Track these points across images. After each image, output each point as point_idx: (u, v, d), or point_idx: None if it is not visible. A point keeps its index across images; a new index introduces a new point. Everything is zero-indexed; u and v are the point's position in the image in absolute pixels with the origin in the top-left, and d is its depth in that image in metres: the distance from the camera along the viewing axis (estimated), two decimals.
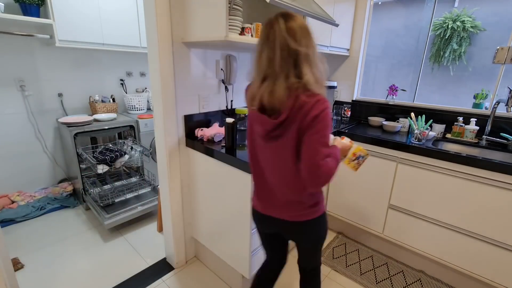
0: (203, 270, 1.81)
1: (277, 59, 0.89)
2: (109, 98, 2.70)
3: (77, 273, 1.75)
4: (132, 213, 2.20)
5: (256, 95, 0.95)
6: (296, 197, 1.02)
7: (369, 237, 2.09)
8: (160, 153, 1.65)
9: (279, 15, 0.92)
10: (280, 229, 1.13)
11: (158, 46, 1.40)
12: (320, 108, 0.89)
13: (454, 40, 2.19)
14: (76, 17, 2.21)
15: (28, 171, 2.51)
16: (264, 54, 0.92)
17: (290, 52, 0.89)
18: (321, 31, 1.98)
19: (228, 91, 1.87)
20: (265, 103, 0.93)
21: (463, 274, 1.69)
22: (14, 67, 2.27)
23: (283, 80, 0.90)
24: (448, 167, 1.58)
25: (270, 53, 0.90)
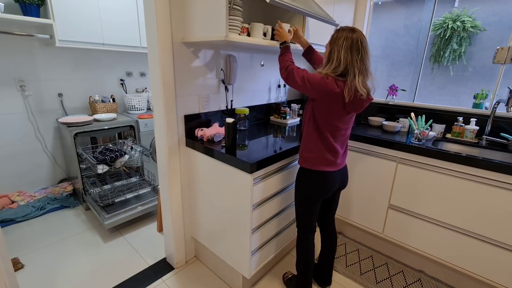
0: (203, 270, 1.81)
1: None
2: (109, 98, 2.69)
3: (77, 273, 1.75)
4: (132, 213, 2.20)
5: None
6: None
7: (369, 237, 2.09)
8: (160, 153, 1.65)
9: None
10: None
11: (158, 46, 1.40)
12: None
13: (454, 40, 2.19)
14: (76, 17, 2.21)
15: (28, 171, 2.51)
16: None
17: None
18: (321, 31, 1.98)
19: (228, 91, 1.87)
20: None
21: (463, 274, 1.69)
22: (14, 67, 2.27)
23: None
24: (448, 167, 1.58)
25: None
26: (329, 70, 1.22)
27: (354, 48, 1.19)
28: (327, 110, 1.27)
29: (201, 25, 1.37)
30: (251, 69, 2.03)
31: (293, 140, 1.71)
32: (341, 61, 1.19)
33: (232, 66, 1.79)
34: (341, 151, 1.37)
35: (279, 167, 1.53)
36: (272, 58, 2.19)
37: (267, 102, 2.27)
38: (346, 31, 1.22)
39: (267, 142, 1.65)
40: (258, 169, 1.34)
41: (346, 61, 1.19)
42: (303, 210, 1.45)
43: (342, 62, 1.19)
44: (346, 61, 1.19)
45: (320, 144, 1.32)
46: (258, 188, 1.39)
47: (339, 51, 1.20)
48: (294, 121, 2.23)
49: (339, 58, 1.20)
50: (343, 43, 1.20)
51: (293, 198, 1.75)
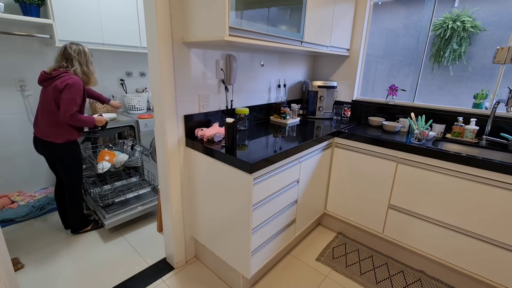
0: (203, 270, 1.81)
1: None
2: (109, 98, 2.69)
3: (77, 273, 1.75)
4: (132, 213, 2.20)
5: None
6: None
7: (369, 237, 2.09)
8: (160, 153, 1.65)
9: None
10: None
11: (158, 46, 1.40)
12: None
13: (454, 40, 2.19)
14: (76, 17, 2.21)
15: (28, 171, 2.51)
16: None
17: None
18: (321, 31, 1.98)
19: (228, 91, 1.88)
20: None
21: (463, 274, 1.69)
22: (14, 67, 2.27)
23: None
24: (448, 167, 1.58)
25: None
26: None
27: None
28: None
29: (201, 25, 1.37)
30: (251, 69, 2.03)
31: (293, 140, 1.71)
32: None
33: (232, 66, 1.79)
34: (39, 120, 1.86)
35: (279, 167, 1.53)
36: (272, 58, 2.19)
37: (267, 102, 2.27)
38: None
39: (267, 142, 1.65)
40: (258, 169, 1.34)
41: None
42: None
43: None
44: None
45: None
46: (258, 188, 1.39)
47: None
48: (294, 121, 2.23)
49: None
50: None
51: (293, 198, 1.75)
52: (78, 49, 1.88)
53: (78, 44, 1.90)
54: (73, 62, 1.85)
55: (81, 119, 1.83)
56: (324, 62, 2.65)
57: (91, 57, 1.95)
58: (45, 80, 1.82)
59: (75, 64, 1.85)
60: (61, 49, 1.87)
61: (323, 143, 1.93)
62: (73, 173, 1.98)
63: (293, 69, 2.47)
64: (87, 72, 1.91)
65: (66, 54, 1.85)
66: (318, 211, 2.15)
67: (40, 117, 1.86)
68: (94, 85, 2.00)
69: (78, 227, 2.12)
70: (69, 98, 1.76)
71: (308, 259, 1.94)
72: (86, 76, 1.91)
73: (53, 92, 1.78)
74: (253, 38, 1.44)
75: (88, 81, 1.93)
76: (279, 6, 1.58)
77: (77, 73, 1.86)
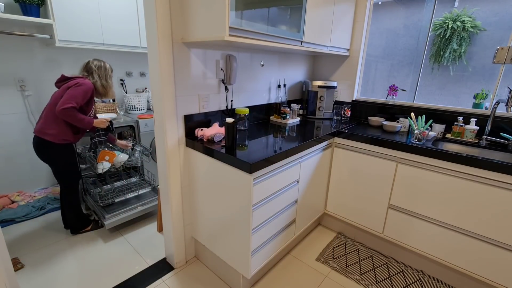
0: (203, 270, 1.81)
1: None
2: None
3: (77, 273, 1.75)
4: (132, 213, 2.20)
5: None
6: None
7: (369, 237, 2.09)
8: (160, 153, 1.65)
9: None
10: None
11: (158, 46, 1.40)
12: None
13: (454, 40, 2.19)
14: (76, 17, 2.21)
15: (28, 171, 2.51)
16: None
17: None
18: (321, 31, 1.98)
19: (228, 91, 1.88)
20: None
21: (463, 274, 1.69)
22: (14, 67, 2.27)
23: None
24: (448, 167, 1.58)
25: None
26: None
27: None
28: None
29: (201, 25, 1.37)
30: (251, 69, 2.03)
31: (293, 140, 1.71)
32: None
33: (232, 66, 1.79)
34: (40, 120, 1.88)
35: (279, 167, 1.53)
36: (272, 58, 2.19)
37: (267, 102, 2.27)
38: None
39: (267, 142, 1.65)
40: (258, 169, 1.34)
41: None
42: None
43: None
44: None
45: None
46: (258, 188, 1.39)
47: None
48: (294, 121, 2.23)
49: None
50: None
51: (293, 198, 1.75)
52: (99, 65, 2.01)
53: (100, 60, 2.03)
54: (93, 75, 1.98)
55: (75, 116, 1.78)
56: (324, 62, 2.65)
57: (111, 72, 2.08)
58: (61, 81, 1.90)
59: (94, 77, 1.98)
60: (84, 63, 2.01)
61: (323, 143, 1.93)
62: (66, 177, 1.98)
63: (293, 69, 2.47)
64: (105, 85, 2.03)
65: (87, 67, 1.99)
66: (318, 211, 2.15)
67: (43, 115, 1.87)
68: (111, 97, 2.13)
69: (77, 228, 2.13)
70: (71, 93, 1.78)
71: (308, 259, 1.94)
72: (104, 89, 2.03)
73: (62, 90, 1.83)
74: (253, 38, 1.44)
75: (106, 93, 2.06)
76: (279, 6, 1.58)
77: (96, 85, 1.98)
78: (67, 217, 2.08)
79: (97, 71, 1.98)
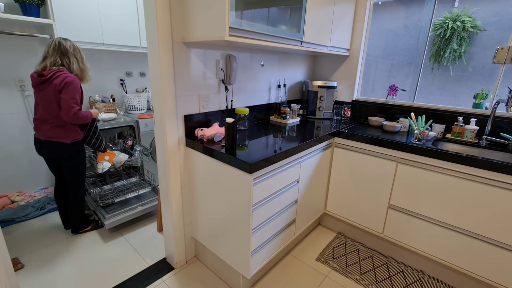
0: (203, 270, 1.81)
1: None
2: (109, 98, 2.70)
3: (77, 273, 1.75)
4: (132, 213, 2.20)
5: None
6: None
7: (369, 237, 2.09)
8: (160, 153, 1.65)
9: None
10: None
11: (158, 46, 1.40)
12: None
13: (454, 40, 2.19)
14: (76, 17, 2.21)
15: (28, 171, 2.51)
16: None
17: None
18: (321, 31, 1.98)
19: (228, 91, 1.88)
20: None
21: (463, 274, 1.69)
22: (14, 67, 2.27)
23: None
24: (448, 167, 1.58)
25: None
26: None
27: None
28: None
29: (201, 25, 1.37)
30: (251, 69, 2.03)
31: (293, 140, 1.71)
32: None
33: (232, 66, 1.79)
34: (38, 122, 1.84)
35: (279, 167, 1.53)
36: (272, 58, 2.19)
37: (267, 102, 2.27)
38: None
39: (267, 142, 1.65)
40: (258, 169, 1.34)
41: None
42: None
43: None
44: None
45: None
46: (258, 188, 1.39)
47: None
48: (294, 121, 2.23)
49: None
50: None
51: (293, 198, 1.75)
52: (73, 46, 1.85)
53: (69, 40, 1.86)
54: (70, 58, 1.81)
55: (83, 116, 1.80)
56: (324, 62, 2.65)
57: (83, 54, 1.94)
58: (40, 83, 1.78)
59: (72, 60, 1.81)
60: (54, 43, 1.79)
61: (323, 143, 1.93)
62: (78, 173, 1.99)
63: (293, 69, 2.47)
64: (83, 68, 1.90)
65: (62, 49, 1.80)
66: (318, 211, 2.15)
67: (43, 120, 1.82)
68: (87, 81, 1.98)
69: (78, 227, 2.12)
70: (69, 97, 1.74)
71: (308, 259, 1.94)
72: (82, 73, 1.90)
73: (54, 93, 1.76)
74: (253, 38, 1.44)
75: (83, 77, 1.91)
76: (279, 6, 1.58)
77: (73, 69, 1.82)
78: (71, 216, 2.07)
79: (73, 52, 1.82)
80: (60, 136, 1.84)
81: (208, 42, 1.45)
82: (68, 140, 1.86)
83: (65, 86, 1.74)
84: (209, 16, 1.32)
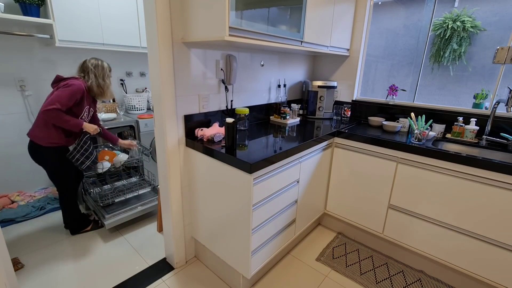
0: (203, 270, 1.81)
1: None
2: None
3: (77, 273, 1.75)
4: (132, 213, 2.20)
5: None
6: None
7: (369, 237, 2.09)
8: (160, 153, 1.65)
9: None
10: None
11: (158, 46, 1.40)
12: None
13: (454, 40, 2.19)
14: (76, 17, 2.21)
15: (28, 171, 2.51)
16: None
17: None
18: (321, 31, 1.98)
19: (228, 91, 1.88)
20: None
21: (463, 274, 1.69)
22: (14, 67, 2.27)
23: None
24: (448, 167, 1.58)
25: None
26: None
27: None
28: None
29: (201, 25, 1.37)
30: (251, 69, 2.03)
31: (293, 140, 1.71)
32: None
33: (232, 66, 1.79)
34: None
35: (279, 167, 1.53)
36: (272, 58, 2.19)
37: (267, 102, 2.27)
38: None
39: (267, 142, 1.65)
40: (258, 169, 1.34)
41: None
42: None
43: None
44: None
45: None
46: (258, 188, 1.39)
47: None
48: (294, 121, 2.23)
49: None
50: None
51: (293, 198, 1.75)
52: (96, 63, 1.93)
53: (97, 59, 1.96)
54: (89, 74, 1.90)
55: (59, 118, 1.71)
56: (324, 62, 2.65)
57: (109, 72, 2.00)
58: (56, 81, 1.84)
59: (90, 76, 1.90)
60: (81, 62, 1.94)
61: (323, 143, 1.93)
62: (58, 179, 1.95)
63: (293, 69, 2.47)
64: (102, 85, 1.94)
65: (84, 67, 1.92)
66: (318, 211, 2.15)
67: (36, 117, 1.86)
68: (109, 98, 2.05)
69: (76, 228, 2.13)
70: (56, 94, 1.72)
71: (308, 259, 1.94)
72: (101, 89, 1.94)
73: (53, 92, 1.80)
74: (253, 38, 1.44)
75: (102, 93, 1.96)
76: (279, 6, 1.58)
77: (91, 85, 1.90)
78: (65, 219, 2.09)
79: (94, 70, 1.91)
80: (36, 136, 1.81)
81: (208, 42, 1.45)
82: (43, 142, 1.80)
83: (63, 86, 1.77)
84: (209, 16, 1.32)
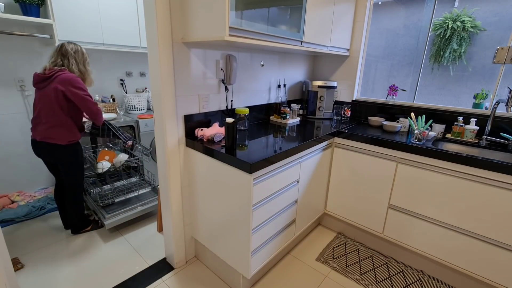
0: (203, 270, 1.81)
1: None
2: (109, 98, 2.69)
3: (77, 273, 1.75)
4: (132, 213, 2.20)
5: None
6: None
7: (369, 237, 2.09)
8: (160, 153, 1.65)
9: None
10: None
11: (158, 46, 1.40)
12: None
13: (454, 40, 2.19)
14: (76, 17, 2.21)
15: (28, 171, 2.51)
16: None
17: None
18: (321, 31, 1.98)
19: (228, 91, 1.88)
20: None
21: (463, 274, 1.69)
22: (14, 67, 2.27)
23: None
24: (448, 167, 1.58)
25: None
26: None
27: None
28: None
29: (201, 25, 1.37)
30: (251, 69, 2.03)
31: (293, 140, 1.71)
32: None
33: (232, 66, 1.79)
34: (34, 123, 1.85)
35: (279, 167, 1.53)
36: (272, 58, 2.19)
37: (267, 102, 2.27)
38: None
39: (267, 142, 1.65)
40: (258, 169, 1.34)
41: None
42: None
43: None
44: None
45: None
46: (258, 188, 1.39)
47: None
48: (294, 121, 2.23)
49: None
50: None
51: (293, 198, 1.75)
52: (75, 49, 1.87)
53: (76, 44, 1.89)
54: (69, 59, 1.83)
55: (100, 112, 1.92)
56: (324, 62, 2.65)
57: (88, 58, 1.95)
58: (41, 81, 1.77)
59: (71, 61, 1.83)
60: (57, 46, 1.85)
61: (323, 143, 1.93)
62: (75, 175, 1.97)
63: (293, 69, 2.47)
64: (83, 71, 1.90)
65: (63, 51, 1.83)
66: (318, 211, 2.15)
67: (40, 120, 1.81)
68: (89, 85, 1.98)
69: (78, 228, 2.12)
70: (83, 94, 1.78)
71: (308, 259, 1.94)
72: (82, 75, 1.89)
73: (54, 94, 1.74)
74: (253, 38, 1.44)
75: (83, 80, 1.90)
76: (279, 6, 1.58)
77: (73, 69, 1.83)
78: (70, 217, 2.07)
79: (74, 54, 1.84)
80: (54, 137, 1.81)
81: (208, 42, 1.45)
82: (63, 141, 1.83)
83: (70, 85, 1.74)
84: (209, 16, 1.32)
